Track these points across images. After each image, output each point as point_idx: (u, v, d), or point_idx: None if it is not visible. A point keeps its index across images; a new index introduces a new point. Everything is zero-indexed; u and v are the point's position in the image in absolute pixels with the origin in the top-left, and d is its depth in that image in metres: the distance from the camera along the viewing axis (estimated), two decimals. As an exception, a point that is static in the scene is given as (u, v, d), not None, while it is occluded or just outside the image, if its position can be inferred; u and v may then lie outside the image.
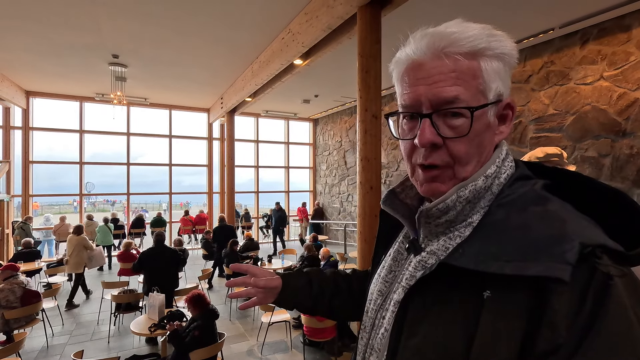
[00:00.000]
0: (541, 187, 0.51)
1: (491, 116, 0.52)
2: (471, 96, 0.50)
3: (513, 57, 0.52)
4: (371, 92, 3.32)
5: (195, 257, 9.33)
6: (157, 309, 3.66)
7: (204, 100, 9.66)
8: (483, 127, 0.52)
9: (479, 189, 0.51)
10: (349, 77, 7.08)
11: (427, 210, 0.53)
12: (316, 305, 0.83)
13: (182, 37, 5.27)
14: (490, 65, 0.51)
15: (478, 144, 0.52)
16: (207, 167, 11.10)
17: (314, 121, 12.38)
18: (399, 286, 0.57)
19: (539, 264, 0.40)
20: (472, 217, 0.52)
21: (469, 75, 0.50)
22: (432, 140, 0.51)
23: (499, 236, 0.46)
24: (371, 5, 3.31)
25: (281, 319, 4.24)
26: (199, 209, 11.19)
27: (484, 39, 0.50)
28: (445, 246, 0.53)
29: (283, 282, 0.80)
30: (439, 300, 0.48)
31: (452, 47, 0.50)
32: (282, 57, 5.08)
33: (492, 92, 0.51)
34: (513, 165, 0.55)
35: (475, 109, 0.50)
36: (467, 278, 0.44)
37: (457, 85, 0.50)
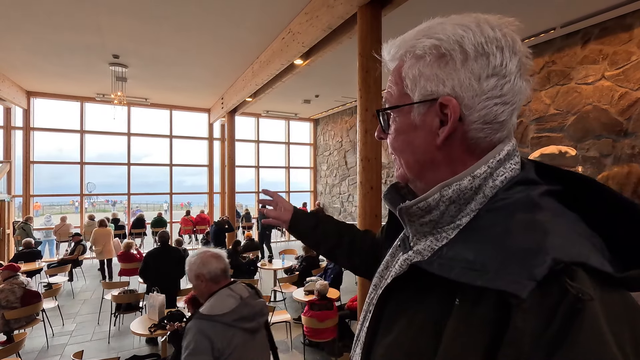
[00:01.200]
0: (541, 193, 0.46)
1: (417, 116, 0.51)
2: (396, 98, 0.53)
3: (453, 50, 0.47)
4: (371, 92, 3.31)
5: (195, 257, 9.32)
6: (157, 309, 3.66)
7: (204, 101, 9.67)
8: (407, 127, 0.52)
9: (463, 189, 0.48)
10: (349, 77, 7.06)
11: (407, 207, 0.52)
12: (318, 249, 1.04)
13: (183, 37, 5.27)
14: (409, 67, 0.51)
15: (406, 142, 0.53)
16: (207, 167, 11.11)
17: (315, 121, 12.37)
18: (384, 282, 0.58)
19: (504, 277, 0.37)
20: (460, 219, 0.50)
21: (397, 78, 0.53)
22: (377, 135, 0.59)
23: (478, 243, 0.43)
24: (371, 4, 3.30)
25: (281, 320, 4.23)
26: (200, 209, 11.18)
27: (408, 42, 0.52)
28: (432, 247, 0.52)
29: (291, 220, 1.03)
30: (413, 301, 0.47)
31: (389, 55, 0.55)
32: (283, 57, 5.08)
33: (416, 92, 0.51)
34: (516, 168, 0.50)
35: (380, 111, 0.55)
36: (441, 282, 0.43)
37: (389, 89, 0.55)
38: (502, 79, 0.47)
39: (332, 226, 1.01)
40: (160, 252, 4.73)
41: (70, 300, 6.06)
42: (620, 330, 0.35)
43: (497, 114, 0.48)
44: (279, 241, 11.90)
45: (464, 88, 0.47)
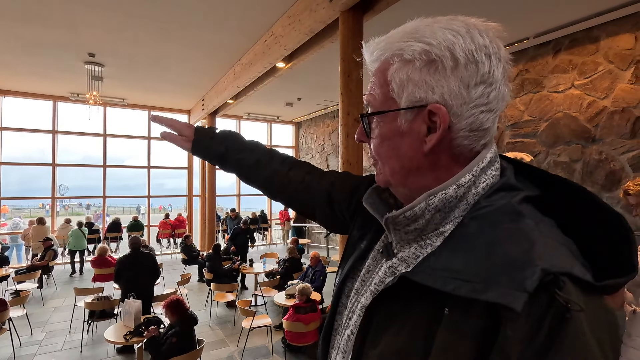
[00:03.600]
0: (520, 200, 0.47)
1: (404, 123, 0.50)
2: (380, 102, 0.52)
3: (443, 57, 0.46)
4: (353, 96, 3.35)
5: (174, 261, 9.12)
6: (133, 315, 3.55)
7: (184, 102, 9.50)
8: (392, 133, 0.51)
9: (449, 198, 0.48)
10: (331, 81, 7.12)
11: (394, 217, 0.52)
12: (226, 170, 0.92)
13: (162, 36, 5.17)
14: (396, 72, 0.49)
15: (391, 147, 0.52)
16: (187, 169, 10.90)
17: (297, 124, 12.37)
18: (367, 289, 0.57)
19: (495, 288, 0.38)
20: (444, 226, 0.50)
21: (379, 83, 0.52)
22: (358, 138, 0.57)
23: (464, 252, 0.43)
24: (353, 10, 3.34)
25: (262, 324, 4.19)
26: (179, 212, 10.95)
27: (395, 45, 0.50)
28: (416, 254, 0.52)
29: (194, 142, 0.88)
30: (402, 311, 0.47)
31: (372, 56, 0.54)
32: (265, 60, 5.06)
33: (403, 98, 0.49)
34: (497, 175, 0.50)
35: (364, 116, 0.54)
36: (430, 292, 0.43)
37: (371, 92, 0.53)
38: (488, 86, 0.47)
39: (247, 156, 0.87)
40: (131, 258, 4.58)
41: (39, 308, 5.78)
42: (602, 336, 0.37)
43: (483, 121, 0.48)
44: (260, 245, 11.79)
45: (453, 96, 0.47)
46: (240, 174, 0.91)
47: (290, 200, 0.88)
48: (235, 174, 0.92)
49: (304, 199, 0.85)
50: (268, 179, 0.87)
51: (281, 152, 0.93)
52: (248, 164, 0.88)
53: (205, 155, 0.91)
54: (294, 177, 0.85)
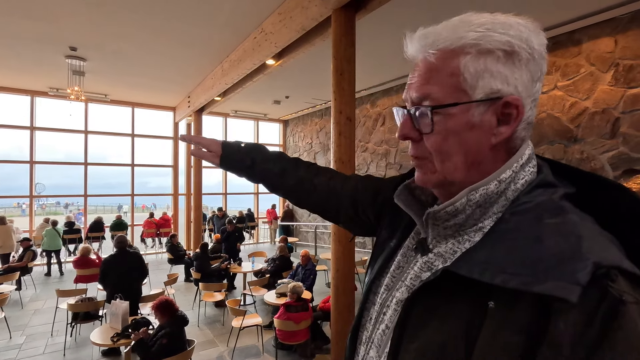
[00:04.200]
0: (560, 196, 0.48)
1: (477, 115, 0.49)
2: (445, 95, 0.49)
3: (522, 49, 0.47)
4: (345, 95, 3.35)
5: (159, 261, 8.94)
6: (121, 317, 3.46)
7: (169, 99, 9.31)
8: (462, 127, 0.49)
9: (490, 194, 0.49)
10: (320, 80, 7.12)
11: (435, 212, 0.53)
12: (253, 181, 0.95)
13: (148, 31, 5.05)
14: (473, 62, 0.48)
15: (458, 142, 0.50)
16: (172, 168, 10.70)
17: (284, 122, 12.31)
18: (402, 284, 0.57)
19: (547, 281, 0.38)
20: (483, 222, 0.51)
21: (445, 73, 0.49)
22: (405, 134, 0.53)
23: (508, 246, 0.44)
24: (346, 8, 3.34)
25: (252, 323, 4.16)
26: (163, 211, 10.74)
27: (468, 34, 0.48)
28: (453, 249, 0.52)
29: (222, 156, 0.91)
30: (443, 305, 0.47)
31: (433, 47, 0.50)
32: (255, 57, 5.01)
33: (478, 90, 0.48)
34: (534, 171, 0.52)
35: (434, 108, 0.50)
36: (472, 286, 0.44)
37: (431, 84, 0.50)
38: (541, 83, 0.51)
39: (273, 166, 0.90)
40: (117, 258, 4.47)
41: (18, 311, 5.58)
42: None
43: (533, 116, 0.51)
44: (247, 244, 11.70)
45: (524, 88, 0.48)
46: (267, 184, 0.93)
47: (315, 206, 0.91)
48: (262, 184, 0.94)
49: (328, 204, 0.88)
50: (294, 187, 0.90)
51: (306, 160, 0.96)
52: (274, 174, 0.90)
53: (234, 168, 0.93)
54: (318, 183, 0.88)
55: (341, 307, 3.35)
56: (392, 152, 7.79)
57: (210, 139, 0.93)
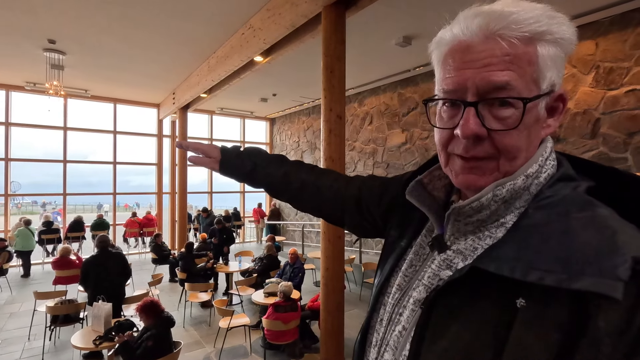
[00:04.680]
0: (585, 190, 0.47)
1: (542, 108, 0.48)
2: (524, 84, 0.45)
3: (572, 43, 0.47)
4: (335, 92, 3.33)
5: (143, 261, 8.74)
6: (103, 319, 3.35)
7: (153, 95, 9.09)
8: (533, 120, 0.47)
9: (517, 189, 0.48)
10: (308, 78, 7.09)
11: (461, 207, 0.50)
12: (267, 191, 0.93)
13: (131, 24, 4.90)
14: (547, 51, 0.46)
15: (527, 137, 0.47)
16: (156, 166, 10.46)
17: (271, 120, 12.21)
18: (419, 284, 0.54)
19: (585, 277, 0.37)
20: (505, 217, 0.49)
21: (524, 61, 0.45)
22: (476, 132, 0.46)
23: (538, 242, 0.42)
24: (336, 5, 3.32)
25: (240, 324, 4.10)
26: (147, 210, 10.50)
27: (544, 21, 0.45)
28: (474, 246, 0.50)
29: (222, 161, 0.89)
30: (467, 304, 0.45)
31: (508, 30, 0.45)
32: (242, 53, 4.93)
33: (546, 81, 0.47)
34: (555, 165, 0.51)
35: (529, 100, 0.45)
36: (498, 284, 0.42)
37: (510, 70, 0.45)
38: None
39: (275, 170, 0.88)
40: (99, 258, 4.32)
41: (-7, 315, 5.35)
42: None
43: None
44: (234, 243, 11.55)
45: (560, 81, 0.48)
46: (269, 188, 0.91)
47: (319, 210, 0.88)
48: (264, 188, 0.92)
49: (332, 207, 0.85)
50: (297, 190, 0.88)
51: (307, 162, 0.93)
52: (277, 178, 0.88)
53: (234, 174, 0.91)
54: (321, 185, 0.86)
55: (331, 306, 3.34)
56: (380, 151, 7.82)
57: (208, 145, 0.91)
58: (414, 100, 7.05)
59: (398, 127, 7.37)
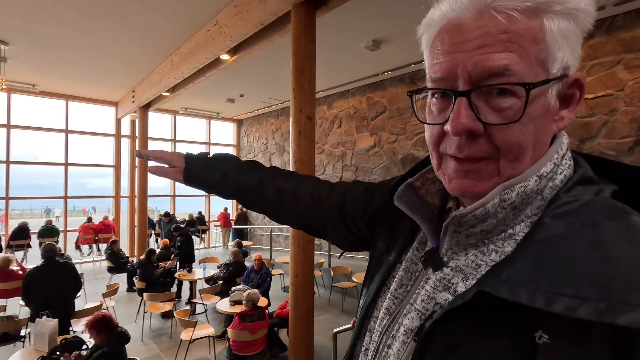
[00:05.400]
0: (610, 195, 0.39)
1: (552, 97, 0.39)
2: (527, 67, 0.37)
3: (589, 15, 0.38)
4: (305, 93, 3.24)
5: (97, 270, 8.15)
6: (48, 337, 3.02)
7: (110, 92, 8.54)
8: (540, 111, 0.39)
9: (528, 192, 0.39)
10: (277, 78, 6.95)
11: (462, 216, 0.41)
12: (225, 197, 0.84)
13: (85, 17, 4.53)
14: (557, 26, 0.37)
15: (533, 132, 0.39)
16: (114, 168, 9.83)
17: (238, 122, 11.92)
18: (411, 308, 0.45)
19: (633, 309, 0.28)
20: (513, 227, 0.40)
21: (526, 39, 0.37)
22: (469, 127, 0.39)
23: (561, 260, 0.33)
24: (306, 4, 3.24)
25: (204, 335, 3.88)
26: (104, 215, 9.84)
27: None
28: (476, 262, 0.41)
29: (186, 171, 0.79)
30: (471, 337, 0.37)
31: (505, 0, 0.37)
32: (208, 51, 4.72)
33: (556, 63, 0.38)
34: (572, 165, 0.43)
35: (533, 87, 0.37)
36: (511, 312, 0.34)
37: (509, 51, 0.37)
38: None
39: (247, 178, 0.79)
40: (44, 269, 3.90)
41: None
42: None
43: None
44: (199, 248, 11.12)
45: (576, 63, 0.40)
46: (241, 199, 0.82)
47: (297, 220, 0.79)
48: (236, 199, 0.83)
49: (313, 217, 0.76)
50: (273, 199, 0.78)
51: (283, 168, 0.84)
52: (250, 186, 0.79)
53: (201, 184, 0.81)
54: (301, 193, 0.76)
55: (300, 314, 3.23)
56: (349, 154, 7.83)
57: (171, 153, 0.80)
58: (382, 104, 7.12)
59: (367, 130, 7.41)
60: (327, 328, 4.77)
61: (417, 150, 6.44)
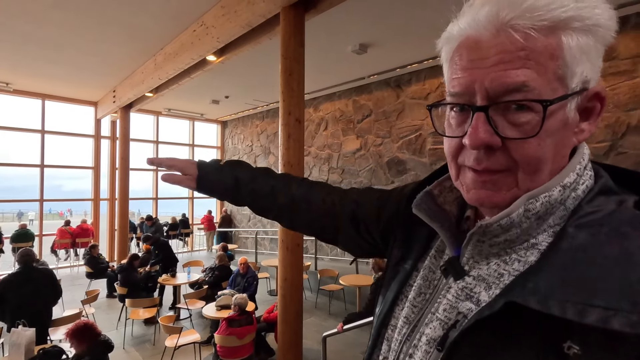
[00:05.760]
0: (633, 205, 0.40)
1: (571, 110, 0.40)
2: (545, 83, 0.38)
3: (610, 29, 0.39)
4: (294, 96, 3.24)
5: (75, 276, 7.87)
6: (24, 348, 2.89)
7: (90, 92, 8.28)
8: (559, 125, 0.40)
9: (553, 202, 0.40)
10: (263, 80, 6.91)
11: (487, 225, 0.41)
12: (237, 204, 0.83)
13: (63, 13, 4.38)
14: (576, 42, 0.38)
15: (551, 146, 0.40)
16: (93, 169, 9.52)
17: (223, 123, 11.77)
18: (433, 318, 0.46)
19: None
20: (536, 237, 0.41)
21: (544, 56, 0.38)
22: (487, 142, 0.40)
23: (589, 270, 0.34)
24: (295, 6, 3.24)
25: (190, 341, 3.79)
26: (82, 218, 9.52)
27: (570, 5, 0.37)
28: (499, 272, 0.42)
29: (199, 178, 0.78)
30: (496, 348, 0.37)
31: (523, 19, 0.37)
32: (194, 51, 4.65)
33: (575, 78, 0.39)
34: (592, 175, 0.44)
35: (550, 103, 0.38)
36: (539, 322, 0.35)
37: (527, 68, 0.38)
38: None
39: (260, 185, 0.80)
40: (20, 276, 3.72)
41: None
42: None
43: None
44: (182, 252, 10.90)
45: (596, 77, 0.41)
46: (254, 206, 0.82)
47: (310, 227, 0.80)
48: (248, 206, 0.82)
49: (325, 224, 0.76)
50: (286, 206, 0.78)
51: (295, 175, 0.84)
52: (263, 193, 0.79)
53: (213, 192, 0.81)
54: (313, 200, 0.77)
55: (290, 318, 3.21)
56: (335, 157, 7.85)
57: (184, 160, 0.80)
58: (368, 107, 7.18)
59: (353, 133, 7.46)
60: (315, 331, 4.76)
61: (403, 153, 6.52)
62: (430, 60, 5.73)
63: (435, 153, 6.02)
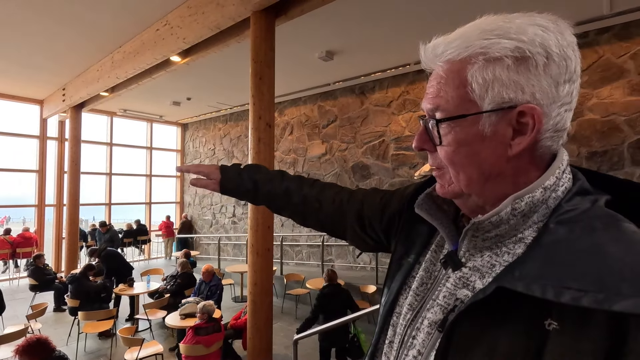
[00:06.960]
0: (604, 204, 0.46)
1: (488, 126, 0.46)
2: (456, 106, 0.48)
3: (536, 53, 0.43)
4: (265, 100, 3.24)
5: (16, 289, 7.19)
6: (-38, 369, 2.61)
7: (35, 90, 7.66)
8: (472, 138, 0.47)
9: (536, 202, 0.46)
10: (229, 83, 6.81)
11: (480, 222, 0.48)
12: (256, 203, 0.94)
13: (6, 3, 4.05)
14: (482, 70, 0.45)
15: (469, 154, 0.48)
16: (37, 173, 8.77)
17: (183, 126, 11.38)
18: (434, 304, 0.51)
19: (626, 297, 0.35)
20: (523, 232, 0.47)
21: (453, 85, 0.48)
22: (418, 145, 0.53)
23: (566, 259, 0.40)
24: (266, 11, 3.25)
25: (152, 353, 3.63)
26: (24, 227, 8.70)
27: (477, 42, 0.45)
28: (491, 262, 0.48)
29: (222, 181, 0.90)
30: (490, 327, 0.43)
31: (442, 57, 0.49)
32: (157, 51, 4.49)
33: (486, 100, 0.46)
34: (571, 178, 0.50)
35: (440, 121, 0.49)
36: (525, 304, 0.41)
37: (440, 95, 0.49)
38: (572, 84, 0.46)
39: (275, 186, 0.89)
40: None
41: None
42: None
43: (566, 120, 0.47)
44: (138, 260, 10.34)
45: (544, 95, 0.44)
46: (271, 205, 0.92)
47: (321, 224, 0.88)
48: (265, 205, 0.92)
49: (335, 221, 0.85)
50: (299, 206, 0.87)
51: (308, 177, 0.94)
52: (278, 194, 0.88)
53: (236, 193, 0.92)
54: (324, 200, 0.85)
55: (260, 323, 3.19)
56: (300, 161, 7.89)
57: (208, 166, 0.92)
58: (333, 113, 7.32)
59: (318, 138, 7.55)
60: (283, 336, 4.74)
61: (367, 158, 6.71)
62: (392, 69, 5.97)
63: (398, 158, 6.27)
